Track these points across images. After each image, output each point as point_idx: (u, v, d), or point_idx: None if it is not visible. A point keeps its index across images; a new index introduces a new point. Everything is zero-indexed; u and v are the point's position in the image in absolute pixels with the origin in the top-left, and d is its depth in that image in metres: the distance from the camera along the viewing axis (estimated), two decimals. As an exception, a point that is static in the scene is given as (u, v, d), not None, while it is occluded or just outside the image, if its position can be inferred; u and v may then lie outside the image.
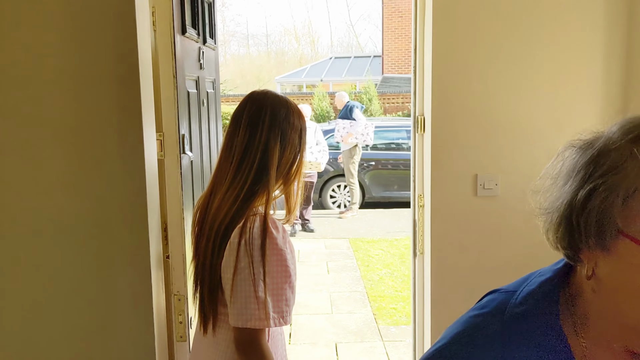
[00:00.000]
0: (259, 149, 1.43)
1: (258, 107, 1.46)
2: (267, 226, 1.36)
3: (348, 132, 7.99)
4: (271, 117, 1.45)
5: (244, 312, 1.35)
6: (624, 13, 2.38)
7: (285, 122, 1.46)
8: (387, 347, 4.07)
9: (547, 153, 2.52)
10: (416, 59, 2.58)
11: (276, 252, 1.36)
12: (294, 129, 1.48)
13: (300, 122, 1.52)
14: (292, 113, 1.50)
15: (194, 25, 2.03)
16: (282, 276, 1.37)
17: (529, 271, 2.63)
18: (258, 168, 1.42)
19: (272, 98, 1.50)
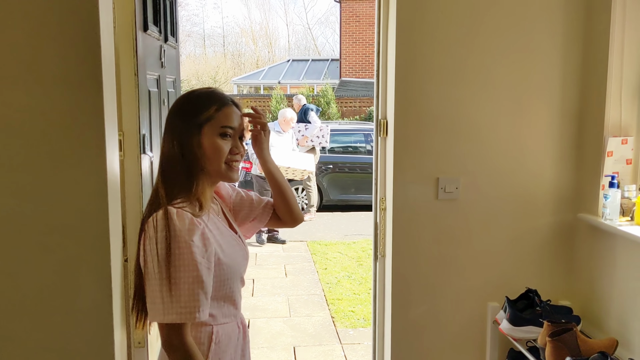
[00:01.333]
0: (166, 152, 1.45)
1: (171, 109, 1.51)
2: (169, 218, 1.34)
3: (303, 135, 7.99)
4: (172, 118, 1.47)
5: (153, 307, 1.34)
6: (581, 24, 2.45)
7: (181, 121, 1.45)
8: (346, 350, 4.07)
9: (505, 157, 2.59)
10: (379, 63, 2.59)
11: (180, 244, 1.33)
12: (187, 126, 1.44)
13: (198, 113, 1.45)
14: (192, 107, 1.46)
15: (156, 22, 1.98)
16: (187, 270, 1.33)
17: (489, 274, 2.70)
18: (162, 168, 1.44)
19: (182, 97, 1.52)
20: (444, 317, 2.58)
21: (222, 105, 1.46)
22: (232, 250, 1.50)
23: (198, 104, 1.46)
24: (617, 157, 2.35)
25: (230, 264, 1.47)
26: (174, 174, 1.44)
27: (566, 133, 2.51)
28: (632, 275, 2.22)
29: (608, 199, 2.28)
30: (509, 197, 2.53)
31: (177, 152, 1.43)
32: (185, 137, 1.44)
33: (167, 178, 1.44)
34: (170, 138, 1.45)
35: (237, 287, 1.53)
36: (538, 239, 2.56)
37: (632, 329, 2.21)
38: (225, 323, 1.50)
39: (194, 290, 1.33)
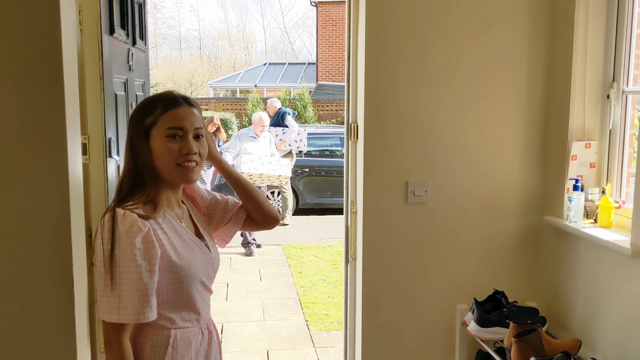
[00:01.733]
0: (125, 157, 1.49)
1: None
2: (114, 219, 1.37)
3: (281, 140, 7.97)
4: (128, 127, 1.49)
5: (99, 305, 1.37)
6: (546, 32, 2.50)
7: (132, 125, 1.47)
8: (319, 353, 4.07)
9: (473, 161, 2.63)
10: (349, 68, 2.61)
11: (122, 246, 1.35)
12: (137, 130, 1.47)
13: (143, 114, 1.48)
14: (141, 111, 1.48)
15: (123, 25, 1.97)
16: (128, 271, 1.35)
17: (458, 276, 2.73)
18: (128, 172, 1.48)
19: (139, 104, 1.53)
20: (414, 319, 2.60)
21: (168, 108, 1.46)
22: (189, 254, 1.50)
23: (144, 109, 1.47)
24: (581, 161, 2.40)
25: (186, 267, 1.47)
26: (127, 178, 1.46)
27: (532, 137, 2.56)
28: (594, 277, 2.26)
29: (572, 201, 2.33)
30: (477, 200, 2.56)
31: (130, 157, 1.46)
32: (136, 142, 1.46)
33: (122, 181, 1.47)
34: (125, 144, 1.48)
35: (198, 292, 1.52)
36: (505, 242, 2.61)
37: (595, 329, 2.26)
38: (184, 327, 1.49)
39: (134, 292, 1.35)
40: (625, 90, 2.34)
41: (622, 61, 2.34)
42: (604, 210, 2.29)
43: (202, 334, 1.56)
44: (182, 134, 1.46)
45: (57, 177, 1.21)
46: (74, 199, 1.28)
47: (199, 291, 1.52)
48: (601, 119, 2.41)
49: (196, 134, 1.50)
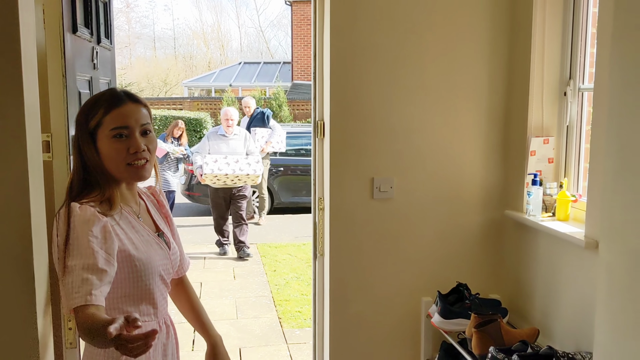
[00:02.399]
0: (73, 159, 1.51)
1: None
2: (70, 210, 1.38)
3: (267, 141, 7.76)
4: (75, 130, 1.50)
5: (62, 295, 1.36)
6: (506, 33, 2.57)
7: (78, 130, 1.48)
8: (291, 350, 4.11)
9: (436, 158, 2.69)
10: (316, 67, 2.65)
11: (78, 234, 1.35)
12: (83, 130, 1.48)
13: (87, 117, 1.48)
14: (83, 113, 1.49)
15: (87, 24, 1.98)
16: (82, 257, 1.33)
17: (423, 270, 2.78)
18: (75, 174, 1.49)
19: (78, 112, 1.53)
20: (380, 312, 2.65)
21: (110, 107, 1.46)
22: (148, 248, 1.52)
23: (87, 111, 1.47)
24: (540, 156, 2.48)
25: (145, 260, 1.48)
26: (77, 179, 1.47)
27: (493, 134, 2.63)
28: (552, 268, 2.34)
29: (531, 196, 2.41)
30: (441, 196, 2.63)
31: (78, 160, 1.46)
32: (82, 145, 1.46)
33: (72, 182, 1.48)
34: (72, 146, 1.48)
35: (156, 286, 1.54)
36: (468, 236, 2.67)
37: (552, 319, 2.34)
38: (143, 321, 1.51)
39: (86, 275, 1.30)
40: (581, 87, 2.42)
41: (578, 59, 2.42)
42: (562, 204, 2.37)
43: (160, 328, 1.58)
44: (128, 133, 1.46)
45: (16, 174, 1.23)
46: (34, 195, 1.30)
47: (158, 285, 1.54)
48: (559, 115, 2.50)
49: (143, 130, 1.49)
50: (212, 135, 6.57)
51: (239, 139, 6.52)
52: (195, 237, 7.40)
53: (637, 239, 1.47)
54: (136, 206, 1.57)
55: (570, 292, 2.22)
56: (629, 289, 1.51)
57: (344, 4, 2.46)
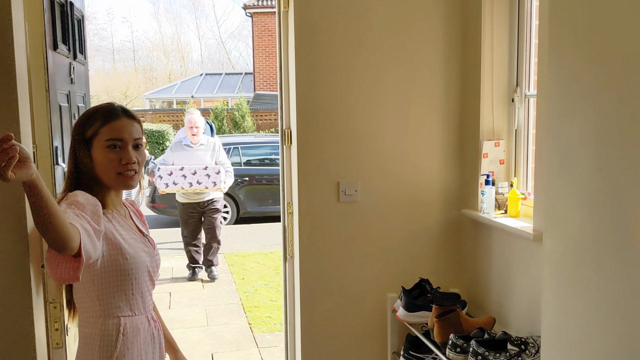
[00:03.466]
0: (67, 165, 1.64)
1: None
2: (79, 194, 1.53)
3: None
4: (72, 137, 1.63)
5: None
6: (459, 44, 2.77)
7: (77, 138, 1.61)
8: (263, 353, 4.22)
9: (397, 162, 2.86)
10: (282, 77, 2.80)
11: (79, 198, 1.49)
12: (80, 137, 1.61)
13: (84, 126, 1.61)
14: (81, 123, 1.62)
15: (65, 41, 2.08)
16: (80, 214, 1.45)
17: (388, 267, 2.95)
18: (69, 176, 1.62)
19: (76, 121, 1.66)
20: (349, 309, 2.80)
21: (107, 120, 1.60)
22: (136, 245, 1.66)
23: (85, 121, 1.61)
24: (492, 158, 2.68)
25: (135, 256, 1.62)
26: (71, 184, 1.60)
27: (449, 138, 2.82)
28: (506, 261, 2.53)
29: (485, 195, 2.60)
30: (402, 197, 2.80)
31: (73, 166, 1.60)
32: (79, 152, 1.60)
33: (68, 187, 1.60)
34: (69, 153, 1.62)
35: (144, 281, 1.67)
36: (430, 234, 2.85)
37: (507, 308, 2.53)
38: (133, 315, 1.63)
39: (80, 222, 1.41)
40: (527, 94, 2.63)
41: (524, 68, 2.63)
42: (512, 202, 2.56)
43: (148, 322, 1.70)
44: (122, 145, 1.61)
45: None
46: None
47: (145, 281, 1.67)
48: (508, 120, 2.70)
49: (135, 143, 1.65)
50: (175, 146, 5.97)
51: (205, 149, 5.83)
52: (162, 249, 7.42)
53: (576, 228, 1.66)
54: (123, 210, 1.70)
55: (521, 282, 2.41)
56: (570, 274, 1.70)
57: (308, 19, 2.61)
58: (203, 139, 5.88)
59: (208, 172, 5.66)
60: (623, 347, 1.49)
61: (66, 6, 2.08)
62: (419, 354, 2.60)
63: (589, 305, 1.61)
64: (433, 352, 2.48)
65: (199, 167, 5.66)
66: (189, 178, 5.64)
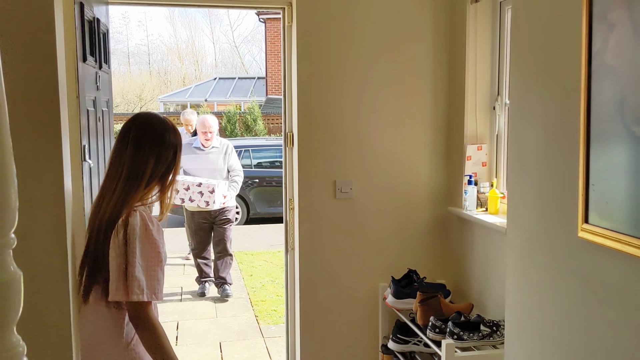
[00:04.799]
0: (141, 165, 1.80)
1: (142, 129, 1.83)
2: (144, 220, 1.76)
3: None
4: (152, 138, 1.82)
5: (125, 288, 1.70)
6: (446, 54, 3.03)
7: (162, 142, 1.83)
8: (267, 343, 4.49)
9: (389, 163, 3.14)
10: (285, 84, 3.08)
11: (151, 240, 1.74)
12: (168, 147, 1.85)
13: (175, 139, 1.88)
14: (169, 133, 1.86)
15: (92, 53, 2.37)
16: (155, 260, 1.74)
17: (380, 259, 3.24)
18: (137, 179, 1.79)
19: (153, 121, 1.87)
20: (344, 297, 3.07)
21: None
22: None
23: (177, 132, 1.89)
24: (475, 161, 2.94)
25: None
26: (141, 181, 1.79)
27: (437, 142, 3.08)
28: (485, 254, 2.79)
29: (467, 193, 2.86)
30: (394, 195, 3.06)
31: (153, 164, 1.81)
32: (167, 153, 1.84)
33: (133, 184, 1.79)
34: (147, 151, 1.81)
35: None
36: (418, 229, 3.11)
37: (485, 296, 2.78)
38: None
39: (159, 276, 1.73)
40: (507, 102, 2.89)
41: (504, 79, 2.89)
42: (492, 200, 2.82)
43: None
44: None
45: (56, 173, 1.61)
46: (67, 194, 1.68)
47: None
48: (490, 126, 2.96)
49: None
50: (185, 149, 4.94)
51: (218, 153, 5.39)
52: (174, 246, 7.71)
53: (530, 221, 1.92)
54: None
55: (497, 271, 2.67)
56: (526, 259, 1.96)
57: (308, 34, 2.90)
58: (216, 141, 5.45)
59: (202, 189, 5.13)
60: (569, 318, 1.75)
61: (94, 22, 2.38)
62: (405, 337, 2.85)
63: (542, 285, 1.86)
64: (418, 335, 2.74)
65: (193, 182, 5.13)
66: (181, 193, 5.10)
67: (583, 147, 1.59)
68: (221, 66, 32.56)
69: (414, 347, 2.83)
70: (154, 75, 31.83)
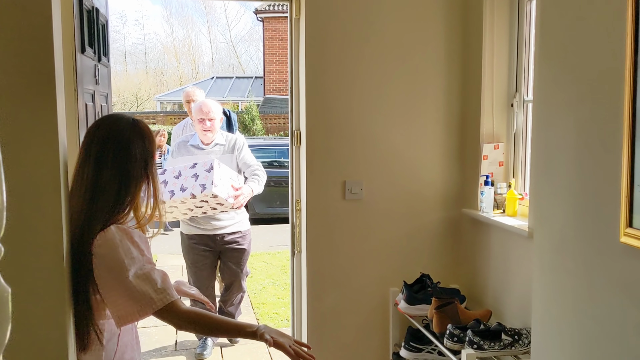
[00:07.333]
0: (105, 186, 1.56)
1: (104, 141, 1.57)
2: (121, 229, 1.54)
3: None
4: (114, 153, 1.57)
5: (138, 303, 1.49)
6: (460, 51, 2.91)
7: (127, 157, 1.57)
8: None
9: (401, 163, 3.00)
10: (292, 80, 2.94)
11: (134, 244, 1.53)
12: (134, 161, 1.59)
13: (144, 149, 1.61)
14: (134, 143, 1.59)
15: (91, 44, 2.23)
16: (148, 264, 1.54)
17: (390, 263, 3.09)
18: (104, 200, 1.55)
19: (117, 129, 1.59)
20: (353, 302, 2.93)
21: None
22: None
23: (148, 138, 1.63)
24: (491, 160, 2.81)
25: None
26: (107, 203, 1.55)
27: (451, 141, 2.95)
28: (502, 258, 2.66)
29: (484, 194, 2.73)
30: (405, 196, 2.93)
31: (118, 183, 1.56)
32: (133, 170, 1.58)
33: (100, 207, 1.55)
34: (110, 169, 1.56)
35: None
36: (431, 232, 2.98)
37: (503, 302, 2.65)
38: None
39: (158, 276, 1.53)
40: (525, 99, 2.76)
41: (523, 75, 2.76)
42: (510, 202, 2.69)
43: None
44: None
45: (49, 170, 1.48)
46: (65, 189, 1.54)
47: None
48: (507, 124, 2.83)
49: None
50: (179, 148, 3.82)
51: (223, 152, 3.78)
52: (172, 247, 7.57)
53: (559, 225, 1.79)
54: None
55: (517, 277, 2.54)
56: (554, 266, 1.83)
57: (317, 26, 2.76)
58: (219, 137, 3.79)
59: (196, 170, 3.30)
60: (606, 330, 1.62)
61: (92, 12, 2.24)
62: (419, 345, 2.72)
63: (573, 294, 1.73)
64: (432, 343, 2.61)
65: (186, 165, 3.38)
66: (170, 184, 3.30)
67: (627, 144, 1.47)
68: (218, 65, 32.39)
69: (427, 355, 2.70)
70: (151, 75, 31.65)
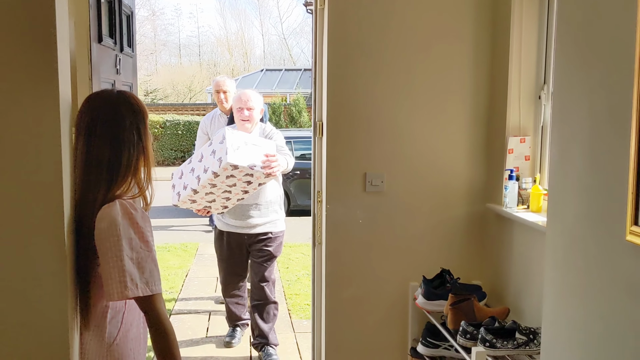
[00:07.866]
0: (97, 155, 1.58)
1: (91, 117, 1.60)
2: (125, 208, 1.55)
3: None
4: (104, 120, 1.59)
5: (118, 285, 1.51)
6: (488, 42, 2.82)
7: (116, 122, 1.59)
8: (298, 337, 4.38)
9: (424, 155, 2.95)
10: (316, 73, 2.93)
11: (136, 228, 1.55)
12: (124, 127, 1.60)
13: (133, 112, 1.62)
14: (122, 107, 1.61)
15: (112, 35, 2.29)
16: (145, 248, 1.55)
17: (410, 256, 3.06)
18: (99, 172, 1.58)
19: (102, 105, 1.62)
20: (372, 295, 2.91)
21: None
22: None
23: (135, 104, 1.65)
24: (517, 154, 2.72)
25: None
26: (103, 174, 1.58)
27: (476, 134, 2.88)
28: (525, 255, 2.58)
29: (508, 189, 2.65)
30: (428, 189, 2.88)
31: (110, 151, 1.59)
32: (125, 134, 1.60)
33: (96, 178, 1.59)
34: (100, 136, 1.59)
35: None
36: (453, 227, 2.92)
37: (523, 300, 2.57)
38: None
39: (151, 267, 1.55)
40: (553, 91, 2.66)
41: (551, 66, 2.66)
42: (535, 197, 2.60)
43: None
44: None
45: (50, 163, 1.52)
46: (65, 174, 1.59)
47: None
48: (534, 117, 2.73)
49: None
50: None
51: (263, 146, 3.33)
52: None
53: (571, 219, 1.72)
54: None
55: (536, 275, 2.46)
56: (564, 263, 1.76)
57: (340, 18, 2.74)
58: (258, 128, 3.69)
59: (213, 147, 3.15)
60: (611, 330, 1.55)
61: (113, 3, 2.29)
62: (436, 341, 2.68)
63: (582, 292, 1.66)
64: (449, 340, 2.56)
65: (206, 147, 3.23)
66: (196, 170, 3.24)
67: (635, 138, 1.39)
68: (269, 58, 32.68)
69: (444, 352, 2.66)
70: (204, 67, 32.23)
